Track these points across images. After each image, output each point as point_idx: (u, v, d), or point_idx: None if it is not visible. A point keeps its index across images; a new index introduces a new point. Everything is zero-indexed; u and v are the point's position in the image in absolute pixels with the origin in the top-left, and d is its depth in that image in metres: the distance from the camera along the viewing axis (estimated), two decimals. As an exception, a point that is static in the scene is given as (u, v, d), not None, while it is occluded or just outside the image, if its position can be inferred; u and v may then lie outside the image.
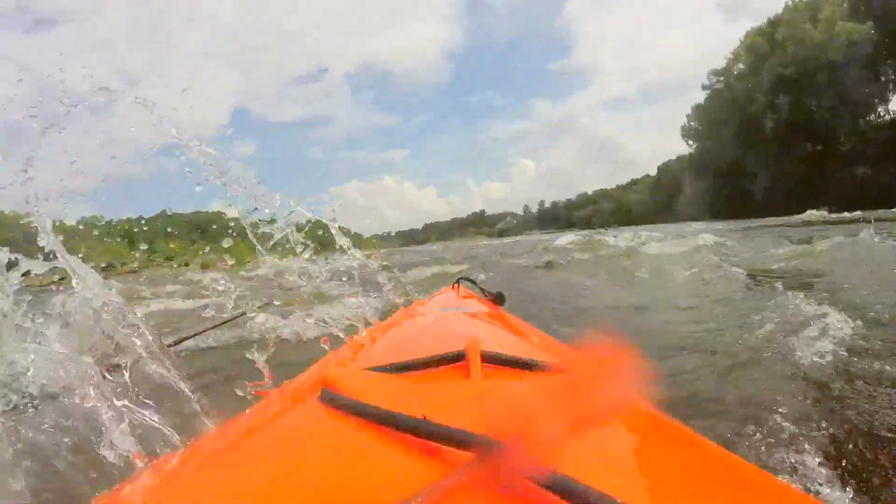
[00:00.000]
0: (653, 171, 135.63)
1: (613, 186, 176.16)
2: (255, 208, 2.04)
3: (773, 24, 51.62)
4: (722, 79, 60.67)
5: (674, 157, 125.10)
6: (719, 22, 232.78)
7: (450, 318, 1.27)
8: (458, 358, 0.71)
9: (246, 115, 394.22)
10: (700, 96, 72.67)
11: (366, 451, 0.49)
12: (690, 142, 75.22)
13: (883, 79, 46.42)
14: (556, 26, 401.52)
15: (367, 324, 2.01)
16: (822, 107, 46.27)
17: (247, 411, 0.75)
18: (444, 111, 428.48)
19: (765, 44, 51.38)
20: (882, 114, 47.65)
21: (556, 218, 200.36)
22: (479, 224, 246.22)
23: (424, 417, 0.48)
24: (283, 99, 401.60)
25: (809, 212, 31.64)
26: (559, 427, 0.47)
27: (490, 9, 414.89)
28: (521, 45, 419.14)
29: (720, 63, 63.05)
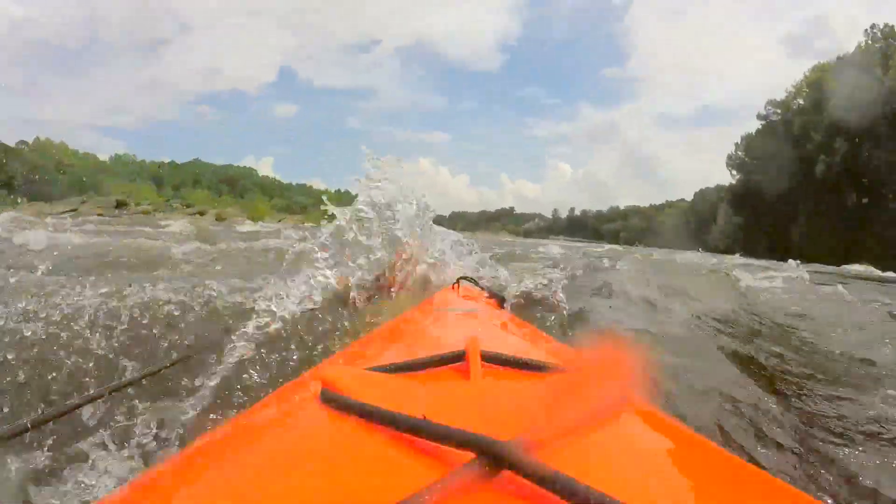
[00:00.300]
0: (688, 196, 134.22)
1: (647, 205, 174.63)
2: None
3: (844, 62, 49.86)
4: (779, 111, 59.28)
5: (713, 184, 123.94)
6: (781, 56, 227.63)
7: (450, 318, 1.29)
8: (458, 358, 0.71)
9: (292, 76, 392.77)
10: (750, 127, 71.32)
11: (366, 451, 0.49)
12: (734, 172, 73.84)
13: None
14: (616, 32, 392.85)
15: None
16: (878, 158, 44.41)
17: (247, 411, 0.75)
18: (490, 101, 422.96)
19: (830, 82, 49.73)
20: None
21: (584, 227, 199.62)
22: (506, 220, 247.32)
23: (424, 417, 0.48)
24: (330, 65, 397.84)
25: (853, 265, 30.60)
26: (559, 427, 0.48)
27: (552, 5, 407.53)
28: (578, 46, 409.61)
29: (777, 96, 61.70)
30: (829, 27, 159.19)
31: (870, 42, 47.21)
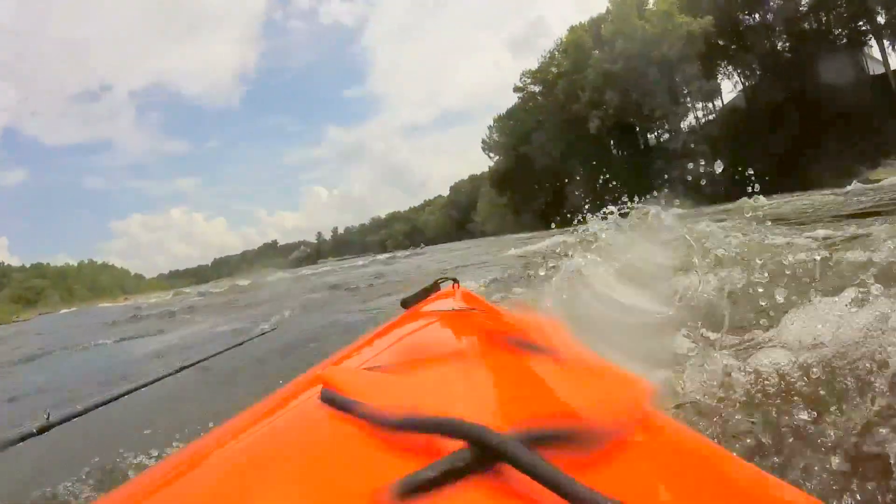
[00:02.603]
0: (445, 192, 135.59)
1: (407, 209, 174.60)
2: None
3: (597, 21, 47.31)
4: (531, 80, 56.13)
5: (465, 177, 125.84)
6: (507, 58, 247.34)
7: (450, 318, 1.23)
8: (457, 357, 0.69)
9: (15, 136, 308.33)
10: (489, 119, 69.24)
11: (366, 451, 0.47)
12: (492, 154, 71.65)
13: (716, 73, 43.56)
14: (353, 54, 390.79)
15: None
16: (652, 103, 42.18)
17: (247, 411, 0.74)
18: (236, 136, 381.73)
19: (589, 40, 46.64)
20: (712, 109, 44.87)
21: (350, 244, 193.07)
22: (272, 255, 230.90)
23: (423, 417, 0.46)
24: (59, 118, 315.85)
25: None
26: (559, 425, 0.46)
27: (286, 33, 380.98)
28: (317, 70, 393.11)
29: (507, 92, 59.72)
30: (546, 26, 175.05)
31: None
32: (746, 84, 42.81)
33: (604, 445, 0.48)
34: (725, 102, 44.30)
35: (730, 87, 44.54)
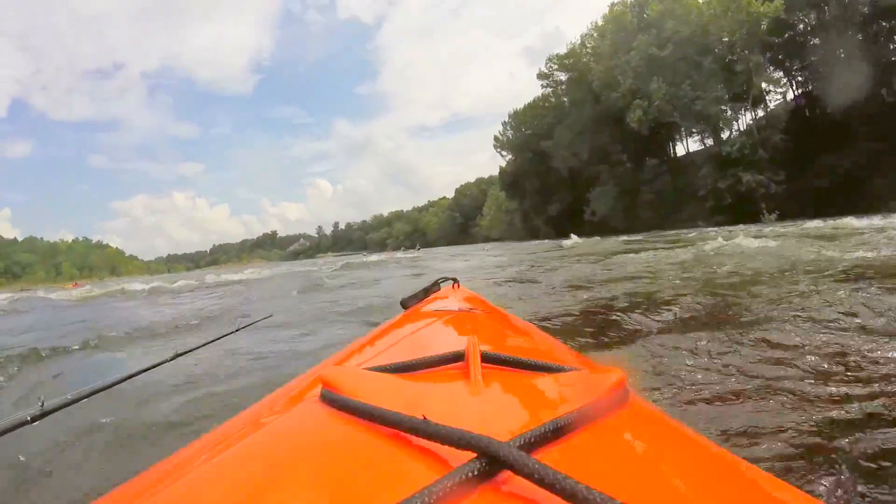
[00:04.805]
0: (450, 194, 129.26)
1: (410, 208, 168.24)
2: None
3: (640, 1, 40.34)
4: (558, 67, 49.06)
5: (472, 179, 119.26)
6: (522, 67, 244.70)
7: (450, 318, 1.22)
8: (458, 358, 0.68)
9: (25, 109, 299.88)
10: (498, 127, 62.32)
11: (366, 451, 0.46)
12: (504, 153, 64.47)
13: (787, 65, 36.25)
14: (368, 50, 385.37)
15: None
16: (706, 98, 34.92)
17: (247, 411, 0.74)
18: (245, 124, 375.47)
19: (633, 19, 39.64)
20: (754, 115, 37.28)
21: (350, 240, 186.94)
22: (269, 246, 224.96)
23: (424, 418, 0.45)
24: (71, 94, 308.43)
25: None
26: (559, 427, 0.45)
27: (304, 24, 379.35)
28: (331, 64, 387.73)
29: (520, 101, 52.63)
30: (563, 36, 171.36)
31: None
32: (800, 91, 36.21)
33: (598, 444, 0.47)
34: (770, 108, 37.61)
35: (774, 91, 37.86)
